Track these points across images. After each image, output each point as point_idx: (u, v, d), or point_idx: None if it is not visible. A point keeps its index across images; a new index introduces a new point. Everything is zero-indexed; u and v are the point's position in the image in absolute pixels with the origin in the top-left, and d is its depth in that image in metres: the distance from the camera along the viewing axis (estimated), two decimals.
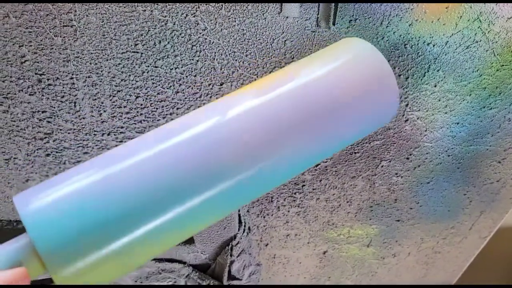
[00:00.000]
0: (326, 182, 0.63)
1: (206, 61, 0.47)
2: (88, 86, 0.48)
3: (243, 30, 0.45)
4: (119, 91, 0.49)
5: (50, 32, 0.43)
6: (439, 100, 0.53)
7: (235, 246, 0.67)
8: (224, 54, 0.46)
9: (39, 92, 0.48)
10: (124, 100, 0.50)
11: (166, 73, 0.47)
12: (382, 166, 0.61)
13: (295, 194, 0.64)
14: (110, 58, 0.46)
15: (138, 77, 0.48)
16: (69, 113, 0.50)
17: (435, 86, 0.52)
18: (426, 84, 0.52)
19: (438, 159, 0.61)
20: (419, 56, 0.49)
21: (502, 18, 0.47)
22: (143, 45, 0.45)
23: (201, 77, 0.48)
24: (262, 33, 0.45)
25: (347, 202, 0.67)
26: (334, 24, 0.45)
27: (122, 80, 0.48)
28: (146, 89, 0.49)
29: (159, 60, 0.46)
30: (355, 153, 0.59)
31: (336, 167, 0.61)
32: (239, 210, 0.65)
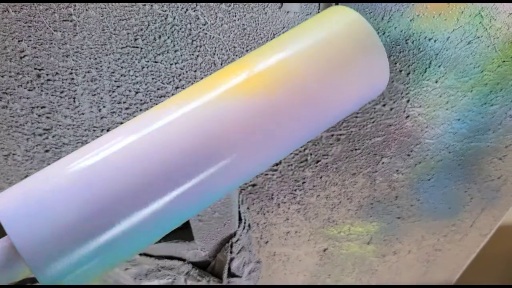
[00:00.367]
0: (327, 179, 0.63)
1: (206, 56, 0.46)
2: (87, 81, 0.48)
3: (244, 25, 0.44)
4: (119, 87, 0.48)
5: (50, 26, 0.43)
6: (440, 96, 0.53)
7: (235, 243, 0.67)
8: (224, 49, 0.46)
9: (38, 87, 0.48)
10: (123, 95, 0.49)
11: (166, 68, 0.47)
12: (383, 163, 0.61)
13: (296, 191, 0.64)
14: (110, 53, 0.45)
15: (138, 72, 0.47)
16: (68, 108, 0.50)
17: (436, 82, 0.52)
18: (427, 80, 0.51)
19: (439, 156, 0.61)
20: (421, 51, 0.49)
21: (504, 13, 0.47)
22: (143, 40, 0.45)
23: (201, 72, 0.48)
24: (263, 28, 0.45)
25: (348, 199, 0.67)
26: None
27: (121, 75, 0.47)
28: (145, 84, 0.48)
29: (159, 55, 0.46)
30: (356, 149, 0.59)
31: (336, 164, 0.61)
32: (239, 207, 0.65)
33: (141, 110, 0.51)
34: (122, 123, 0.51)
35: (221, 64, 0.47)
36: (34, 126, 0.52)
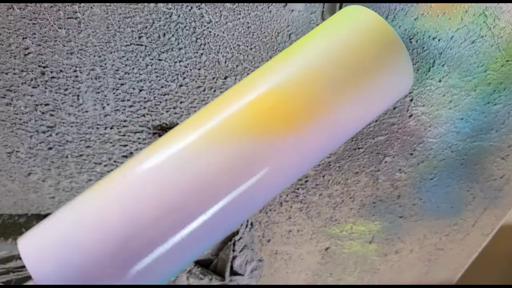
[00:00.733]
0: (329, 177, 0.63)
1: (210, 54, 0.46)
2: (91, 79, 0.48)
3: (248, 23, 0.44)
4: (123, 84, 0.49)
5: (54, 24, 0.43)
6: (444, 95, 0.53)
7: (238, 241, 0.67)
8: (228, 47, 0.46)
9: (42, 84, 0.48)
10: (127, 93, 0.49)
11: (170, 66, 0.47)
12: (386, 162, 0.61)
13: (298, 189, 0.64)
14: (114, 51, 0.45)
15: (142, 70, 0.47)
16: (72, 106, 0.50)
17: (440, 81, 0.52)
18: (431, 79, 0.51)
19: (442, 155, 0.61)
20: (424, 50, 0.49)
21: (508, 13, 0.47)
22: (147, 37, 0.45)
23: (205, 70, 0.48)
24: (267, 26, 0.45)
25: (350, 198, 0.67)
26: None
27: (125, 73, 0.47)
28: (149, 82, 0.48)
29: (163, 53, 0.46)
30: (359, 148, 0.59)
31: (339, 163, 0.61)
32: None
33: (144, 108, 0.51)
34: (125, 121, 0.51)
35: (225, 62, 0.47)
36: (37, 123, 0.52)
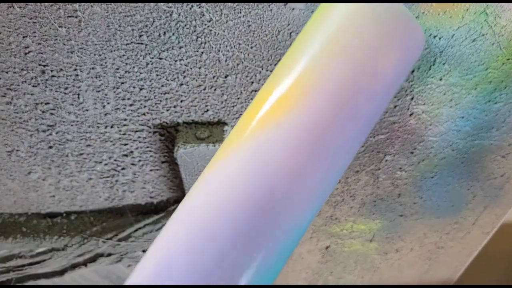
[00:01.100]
0: None
1: (211, 53, 0.46)
2: (92, 77, 0.48)
3: (249, 21, 0.44)
4: (123, 83, 0.48)
5: (55, 22, 0.43)
6: (444, 94, 0.53)
7: None
8: (229, 45, 0.46)
9: (43, 83, 0.48)
10: (128, 92, 0.49)
11: (171, 65, 0.47)
12: (386, 161, 0.61)
13: None
14: (115, 50, 0.45)
15: (142, 68, 0.47)
16: (72, 105, 0.50)
17: (441, 80, 0.52)
18: (432, 77, 0.51)
19: (442, 154, 0.61)
20: (425, 49, 0.49)
21: (509, 11, 0.47)
22: (148, 36, 0.44)
23: (205, 69, 0.48)
24: (268, 24, 0.45)
25: (351, 196, 0.67)
26: None
27: (126, 71, 0.47)
28: (150, 81, 0.48)
29: (164, 51, 0.46)
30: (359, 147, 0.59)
31: None
32: None
33: (145, 106, 0.51)
34: (126, 120, 0.51)
35: (225, 60, 0.47)
36: (38, 122, 0.52)
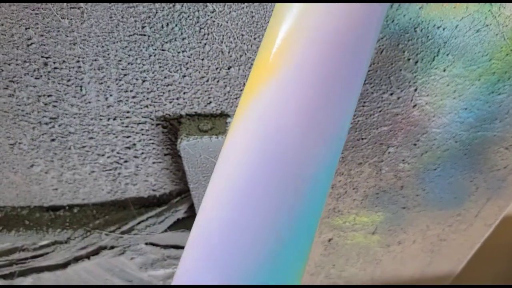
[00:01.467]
0: None
1: (214, 44, 0.46)
2: (94, 69, 0.47)
3: (252, 12, 0.44)
4: (126, 75, 0.48)
5: (57, 13, 0.42)
6: (448, 85, 0.53)
7: None
8: (232, 37, 0.46)
9: (45, 75, 0.48)
10: (130, 84, 0.49)
11: (174, 56, 0.47)
12: (389, 153, 0.61)
13: None
14: (117, 41, 0.45)
15: (145, 60, 0.47)
16: (75, 97, 0.50)
17: (444, 71, 0.52)
18: (435, 68, 0.51)
19: (446, 145, 0.61)
20: (429, 39, 0.48)
21: None
22: (151, 27, 0.44)
23: (208, 60, 0.48)
24: (271, 15, 0.45)
25: (354, 189, 0.67)
26: None
27: (129, 63, 0.47)
28: (153, 72, 0.48)
29: (167, 43, 0.46)
30: (362, 139, 0.59)
31: (343, 154, 0.61)
32: None
33: (147, 99, 0.51)
34: (128, 112, 0.51)
35: (228, 52, 0.47)
36: (40, 114, 0.52)
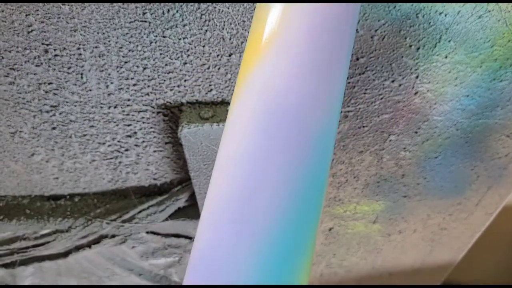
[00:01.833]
0: (334, 157, 0.63)
1: (215, 30, 0.46)
2: (95, 56, 0.47)
3: None
4: (127, 62, 0.48)
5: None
6: (450, 72, 0.53)
7: None
8: (233, 23, 0.46)
9: (46, 62, 0.47)
10: (131, 71, 0.49)
11: (175, 43, 0.47)
12: (390, 141, 0.61)
13: None
14: (118, 28, 0.45)
15: (146, 47, 0.47)
16: (75, 85, 0.50)
17: (446, 58, 0.51)
18: (437, 55, 0.51)
19: (447, 133, 0.60)
20: (431, 26, 0.48)
21: None
22: (152, 14, 0.44)
23: (209, 47, 0.47)
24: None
25: (354, 177, 0.67)
26: None
27: (129, 50, 0.47)
28: (154, 60, 0.48)
29: (168, 29, 0.45)
30: (363, 127, 0.59)
31: (343, 142, 0.61)
32: None
33: (148, 86, 0.51)
34: (129, 100, 0.51)
35: (229, 39, 0.47)
36: (41, 102, 0.51)
